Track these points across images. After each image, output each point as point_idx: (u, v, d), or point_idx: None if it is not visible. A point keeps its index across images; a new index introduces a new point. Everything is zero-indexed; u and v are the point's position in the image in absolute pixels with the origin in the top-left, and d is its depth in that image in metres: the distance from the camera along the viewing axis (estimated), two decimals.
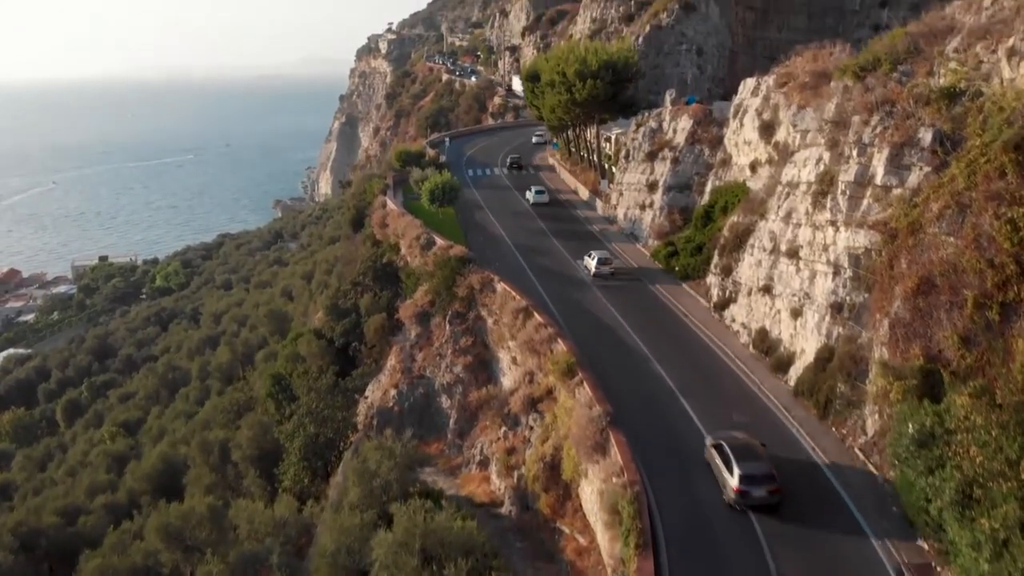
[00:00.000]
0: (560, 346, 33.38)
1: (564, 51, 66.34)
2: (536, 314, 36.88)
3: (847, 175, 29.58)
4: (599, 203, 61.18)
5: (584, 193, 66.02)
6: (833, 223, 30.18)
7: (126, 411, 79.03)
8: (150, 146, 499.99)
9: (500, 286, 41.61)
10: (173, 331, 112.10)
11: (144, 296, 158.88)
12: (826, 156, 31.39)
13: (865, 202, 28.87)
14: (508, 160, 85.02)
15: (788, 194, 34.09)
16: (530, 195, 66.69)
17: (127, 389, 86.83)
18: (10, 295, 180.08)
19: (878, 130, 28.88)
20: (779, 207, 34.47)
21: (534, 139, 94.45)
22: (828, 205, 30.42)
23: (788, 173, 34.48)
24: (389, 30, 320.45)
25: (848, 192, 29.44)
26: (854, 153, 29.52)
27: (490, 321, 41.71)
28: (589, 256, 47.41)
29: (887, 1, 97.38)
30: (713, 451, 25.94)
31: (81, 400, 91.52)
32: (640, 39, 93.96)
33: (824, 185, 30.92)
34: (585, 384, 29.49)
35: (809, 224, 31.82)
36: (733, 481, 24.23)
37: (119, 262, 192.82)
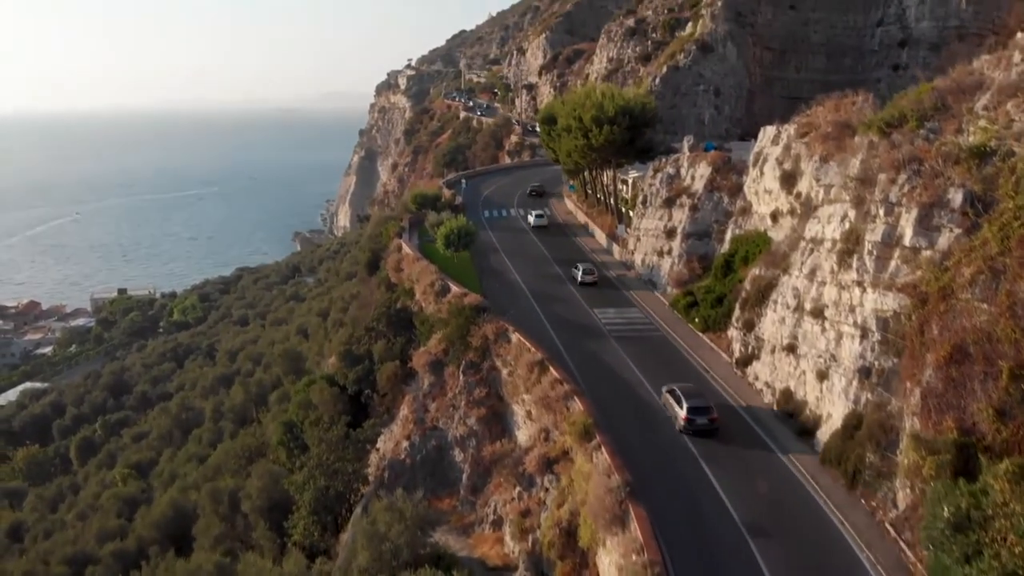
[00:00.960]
0: (577, 405, 32.45)
1: (580, 96, 66.11)
2: (552, 368, 36.02)
3: (874, 235, 28.69)
4: (616, 248, 60.50)
5: (601, 236, 65.38)
6: (860, 284, 29.22)
7: (139, 452, 78.56)
8: (173, 179, 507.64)
9: (515, 337, 40.84)
10: (188, 368, 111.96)
11: (161, 330, 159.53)
12: (851, 213, 30.53)
13: (893, 263, 27.93)
14: (529, 188, 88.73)
15: (812, 250, 33.19)
16: (531, 219, 72.28)
17: (141, 428, 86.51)
18: (29, 327, 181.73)
19: (905, 189, 28.03)
20: (803, 263, 33.55)
21: None
22: (854, 265, 29.50)
23: (812, 228, 33.62)
24: (408, 66, 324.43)
25: (875, 252, 28.52)
26: (881, 212, 28.66)
27: (505, 372, 40.88)
28: (575, 268, 55.22)
29: (906, 41, 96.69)
30: (667, 395, 33.78)
31: (95, 438, 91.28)
32: (657, 79, 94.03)
33: (850, 244, 30.01)
34: (603, 449, 28.48)
35: (834, 283, 30.86)
36: (682, 412, 32.00)
37: (138, 295, 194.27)
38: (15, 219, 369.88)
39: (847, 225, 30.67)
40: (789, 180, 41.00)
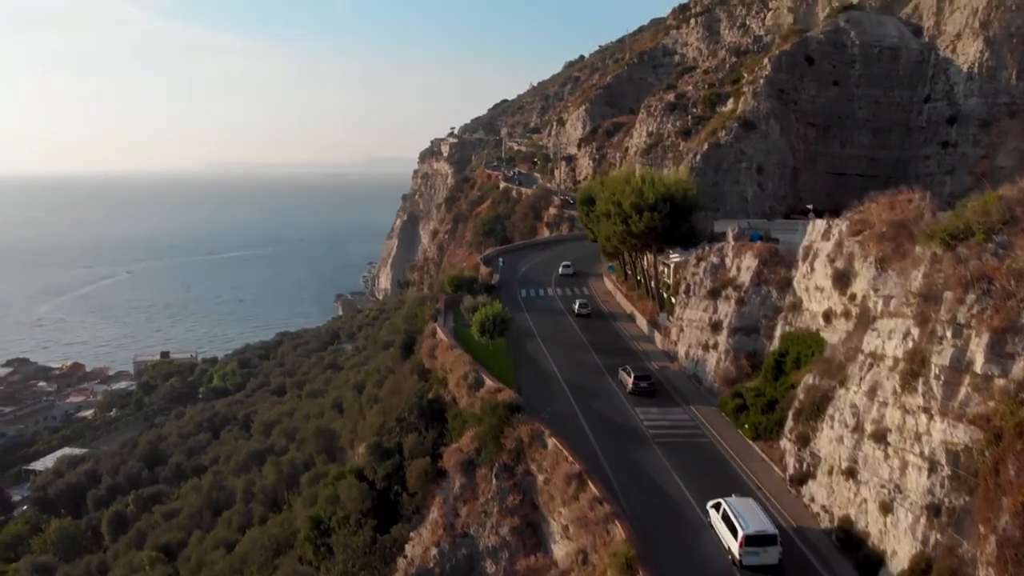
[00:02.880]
0: (618, 531, 30.16)
1: (619, 180, 65.05)
2: (591, 484, 33.83)
3: (941, 358, 26.42)
4: (658, 336, 58.36)
5: (641, 322, 63.37)
6: (926, 410, 26.83)
7: (168, 531, 77.32)
8: (223, 239, 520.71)
9: (551, 442, 38.82)
10: (224, 439, 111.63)
11: (200, 396, 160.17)
12: (915, 332, 28.30)
13: (963, 391, 25.57)
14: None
15: (871, 365, 30.88)
16: (560, 269, 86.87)
17: (172, 505, 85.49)
18: (72, 389, 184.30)
19: (975, 310, 25.84)
20: (861, 378, 31.21)
21: None
22: (920, 389, 27.14)
23: (870, 342, 31.37)
24: (451, 134, 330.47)
25: (943, 377, 26.20)
26: (948, 334, 26.44)
27: (540, 479, 38.75)
28: (574, 304, 67.77)
29: (955, 118, 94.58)
30: (623, 372, 49.69)
31: (127, 513, 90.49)
32: (698, 156, 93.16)
33: (914, 365, 27.70)
34: None
35: (898, 406, 28.47)
36: (630, 380, 47.90)
37: (179, 358, 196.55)
38: (66, 278, 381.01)
39: (910, 344, 28.42)
40: (842, 280, 38.94)
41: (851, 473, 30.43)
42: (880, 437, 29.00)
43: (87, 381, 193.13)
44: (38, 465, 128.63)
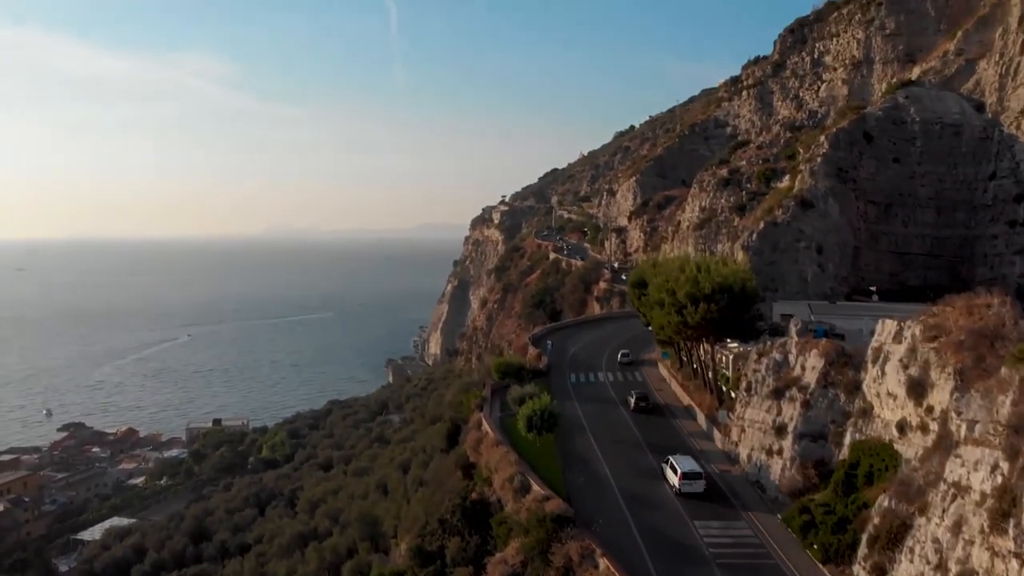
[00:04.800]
0: None
1: (673, 266, 63.11)
2: None
3: None
4: (717, 434, 55.40)
5: (700, 417, 60.45)
6: (1018, 555, 24.03)
7: None
8: (283, 304, 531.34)
9: (603, 562, 36.34)
10: (269, 516, 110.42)
11: (249, 467, 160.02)
12: (1004, 466, 25.62)
13: None
14: None
15: (955, 496, 28.07)
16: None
17: None
18: (125, 455, 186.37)
19: None
20: (944, 510, 28.37)
21: None
22: (1011, 532, 24.38)
23: (954, 470, 28.60)
24: (503, 202, 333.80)
25: None
26: None
27: None
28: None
29: (1023, 196, 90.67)
30: (628, 396, 65.35)
31: None
32: (754, 235, 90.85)
33: (1004, 503, 24.98)
34: None
35: (986, 546, 25.62)
36: (632, 400, 63.92)
37: (231, 426, 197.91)
38: (128, 340, 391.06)
39: (999, 479, 25.70)
40: (917, 389, 36.12)
41: None
42: None
43: (140, 447, 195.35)
44: (86, 535, 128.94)
